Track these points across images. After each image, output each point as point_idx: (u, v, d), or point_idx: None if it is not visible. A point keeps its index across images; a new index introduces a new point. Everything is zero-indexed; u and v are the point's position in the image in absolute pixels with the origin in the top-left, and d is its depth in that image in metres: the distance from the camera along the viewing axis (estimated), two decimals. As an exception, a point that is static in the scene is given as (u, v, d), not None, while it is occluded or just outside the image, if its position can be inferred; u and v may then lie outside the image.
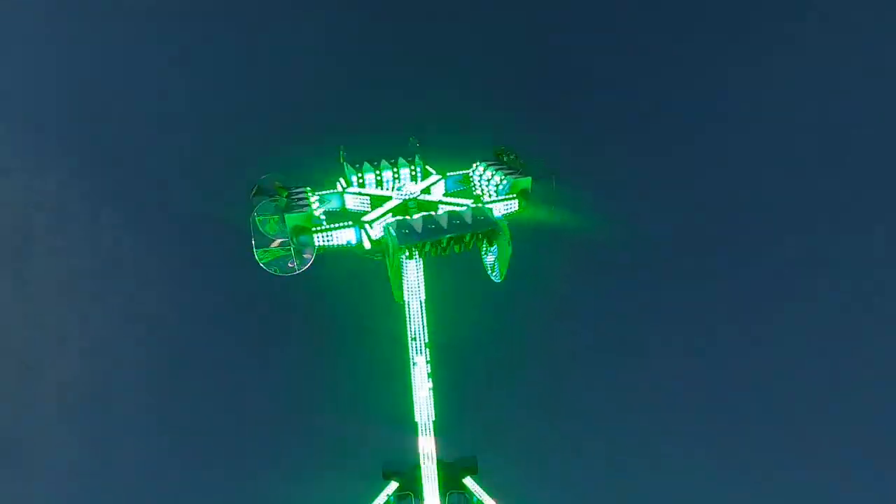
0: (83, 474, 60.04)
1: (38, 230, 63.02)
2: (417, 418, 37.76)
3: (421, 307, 34.90)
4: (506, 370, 56.29)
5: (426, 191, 34.61)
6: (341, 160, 36.35)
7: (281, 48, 64.14)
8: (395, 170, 36.46)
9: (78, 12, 66.58)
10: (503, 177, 32.91)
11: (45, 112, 65.05)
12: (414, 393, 36.97)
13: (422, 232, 27.54)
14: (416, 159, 36.68)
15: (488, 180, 33.81)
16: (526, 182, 32.32)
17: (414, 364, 36.35)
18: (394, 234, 27.01)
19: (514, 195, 32.14)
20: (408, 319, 35.41)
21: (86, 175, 62.99)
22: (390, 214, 31.71)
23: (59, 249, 62.86)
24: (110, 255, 62.68)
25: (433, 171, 36.61)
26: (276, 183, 32.85)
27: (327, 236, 29.84)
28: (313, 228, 29.81)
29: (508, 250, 27.57)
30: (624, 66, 60.98)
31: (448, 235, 27.74)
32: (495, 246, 28.19)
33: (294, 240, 29.41)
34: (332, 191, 35.37)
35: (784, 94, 55.94)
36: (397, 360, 36.48)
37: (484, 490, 39.03)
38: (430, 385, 36.59)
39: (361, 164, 36.36)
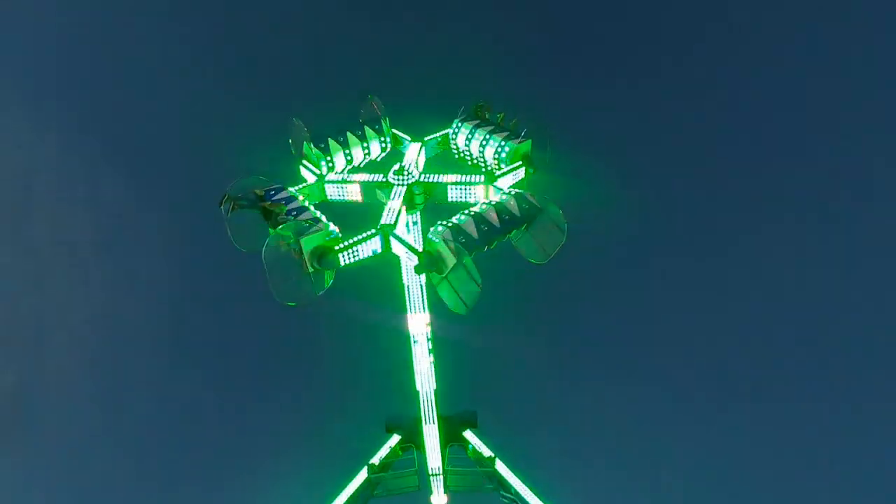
0: (88, 448, 60.15)
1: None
2: (418, 387, 37.42)
3: (421, 289, 33.07)
4: (508, 343, 56.87)
5: (416, 166, 31.01)
6: (303, 139, 30.44)
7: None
8: (365, 144, 31.91)
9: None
10: (500, 142, 30.49)
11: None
12: (415, 366, 36.28)
13: (478, 236, 25.00)
14: (385, 126, 32.31)
15: (482, 146, 31.07)
16: (526, 145, 30.38)
17: (415, 342, 35.12)
18: (455, 245, 24.13)
19: (519, 162, 30.21)
20: (407, 299, 33.50)
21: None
22: (405, 208, 28.09)
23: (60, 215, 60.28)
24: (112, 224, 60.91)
25: (407, 138, 32.66)
26: (256, 190, 26.87)
27: (353, 252, 25.78)
28: (336, 247, 25.42)
29: (562, 237, 26.14)
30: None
31: (502, 234, 25.66)
32: (544, 231, 26.46)
33: (316, 265, 24.98)
34: (306, 183, 30.03)
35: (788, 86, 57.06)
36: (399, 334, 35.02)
37: (483, 443, 40.60)
38: (432, 360, 36.00)
39: (326, 143, 31.05)
